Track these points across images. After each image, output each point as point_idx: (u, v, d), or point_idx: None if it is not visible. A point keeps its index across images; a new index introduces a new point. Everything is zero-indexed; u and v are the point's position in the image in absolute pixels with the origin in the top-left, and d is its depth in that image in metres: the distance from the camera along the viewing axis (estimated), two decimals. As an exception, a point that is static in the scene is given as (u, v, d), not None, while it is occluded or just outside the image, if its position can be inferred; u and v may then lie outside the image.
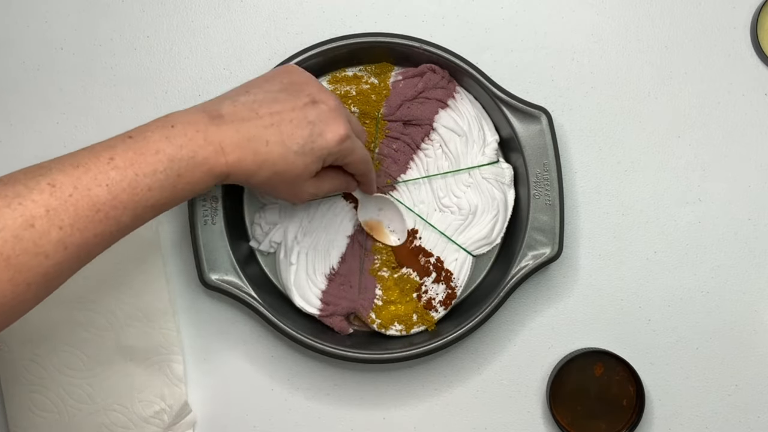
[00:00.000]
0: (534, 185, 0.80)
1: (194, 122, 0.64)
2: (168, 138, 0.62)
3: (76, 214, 0.58)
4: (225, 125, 0.65)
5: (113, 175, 0.60)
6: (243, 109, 0.66)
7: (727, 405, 0.84)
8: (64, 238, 0.58)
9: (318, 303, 0.82)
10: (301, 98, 0.68)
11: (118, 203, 0.60)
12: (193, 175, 0.63)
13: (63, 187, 0.58)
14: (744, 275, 0.84)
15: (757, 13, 0.83)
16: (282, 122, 0.66)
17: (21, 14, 0.84)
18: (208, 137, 0.64)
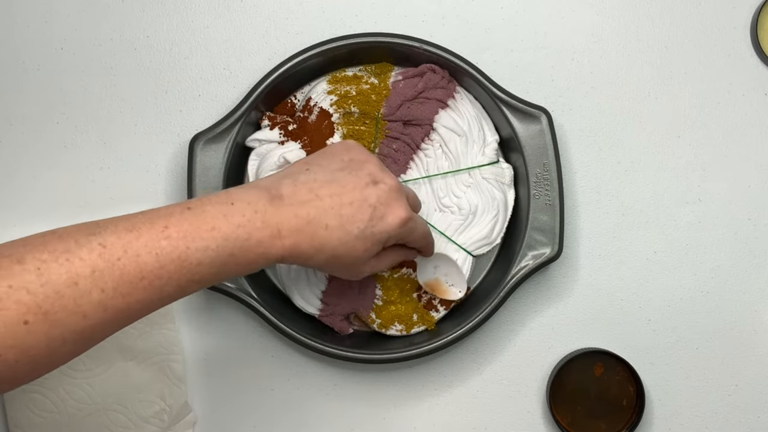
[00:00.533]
0: (534, 185, 0.80)
1: (254, 202, 0.62)
2: (225, 216, 0.61)
3: (121, 279, 0.57)
4: (284, 207, 0.63)
5: (164, 245, 0.59)
6: (303, 189, 0.64)
7: (727, 405, 0.84)
8: (105, 301, 0.57)
9: (318, 303, 0.82)
10: (362, 178, 0.66)
11: (164, 273, 0.59)
12: (245, 256, 0.62)
13: (113, 250, 0.57)
14: (744, 275, 0.84)
15: (757, 13, 0.83)
16: (342, 205, 0.64)
17: (21, 14, 0.84)
18: (266, 219, 0.62)
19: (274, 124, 0.82)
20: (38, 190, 0.84)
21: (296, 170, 0.67)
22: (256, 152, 0.83)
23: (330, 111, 0.81)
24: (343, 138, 0.82)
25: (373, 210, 0.65)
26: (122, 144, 0.84)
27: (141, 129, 0.84)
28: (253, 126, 0.83)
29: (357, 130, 0.82)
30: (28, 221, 0.84)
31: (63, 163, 0.84)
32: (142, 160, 0.84)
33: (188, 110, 0.85)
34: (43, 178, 0.84)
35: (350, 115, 0.82)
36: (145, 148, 0.84)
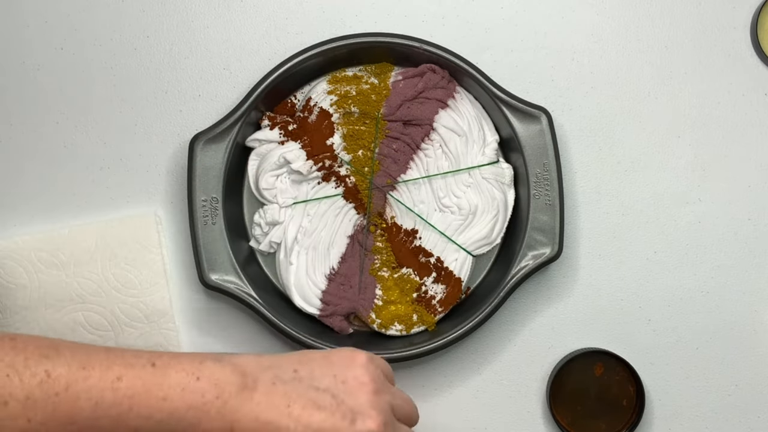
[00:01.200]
0: (534, 185, 0.80)
1: (221, 385, 0.57)
2: (184, 390, 0.57)
3: (52, 415, 0.54)
4: (250, 403, 0.58)
5: (107, 397, 0.55)
6: (278, 394, 0.58)
7: (727, 405, 0.84)
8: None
9: (318, 303, 0.82)
10: (342, 409, 0.59)
11: (97, 426, 0.55)
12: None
13: (55, 383, 0.54)
14: (744, 275, 0.84)
15: (757, 13, 0.83)
16: (308, 429, 0.58)
17: (21, 14, 0.84)
18: (224, 412, 0.57)
19: (274, 124, 0.82)
20: (38, 190, 0.84)
21: (285, 366, 0.61)
22: (256, 152, 0.83)
23: (330, 111, 0.81)
24: (343, 138, 0.82)
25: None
26: (122, 144, 0.84)
27: (141, 129, 0.84)
28: (253, 126, 0.83)
29: (357, 130, 0.82)
30: (28, 221, 0.84)
31: (63, 163, 0.84)
32: (142, 160, 0.84)
33: (188, 110, 0.85)
34: (43, 178, 0.84)
35: (350, 115, 0.82)
36: (145, 148, 0.84)
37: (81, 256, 0.82)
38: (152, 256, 0.82)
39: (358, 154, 0.82)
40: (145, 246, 0.82)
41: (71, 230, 0.82)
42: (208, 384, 0.57)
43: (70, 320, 0.82)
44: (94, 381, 0.55)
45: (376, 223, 0.83)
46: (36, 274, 0.82)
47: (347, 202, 0.82)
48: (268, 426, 0.58)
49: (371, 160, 0.82)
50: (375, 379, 0.61)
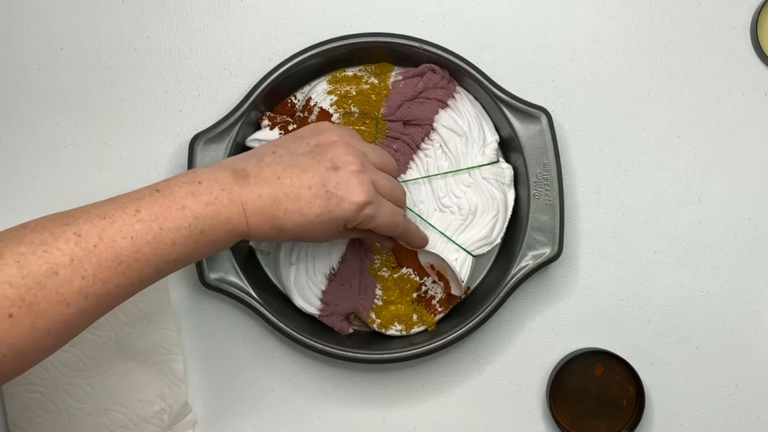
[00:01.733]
0: (534, 185, 0.80)
1: (220, 180, 0.64)
2: (194, 194, 0.63)
3: (99, 265, 0.59)
4: (248, 186, 0.65)
5: (138, 228, 0.60)
6: (267, 170, 0.66)
7: (727, 405, 0.84)
8: (85, 288, 0.58)
9: (318, 303, 0.82)
10: (323, 163, 0.67)
11: (140, 256, 0.60)
12: (215, 233, 0.64)
13: (88, 237, 0.59)
14: (744, 275, 0.84)
15: (757, 13, 0.83)
16: (301, 188, 0.66)
17: (21, 14, 0.84)
18: (232, 197, 0.64)
19: (274, 124, 0.82)
20: (38, 190, 0.84)
21: (263, 151, 0.68)
22: (256, 152, 0.83)
23: (330, 111, 0.81)
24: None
25: (330, 195, 0.66)
26: (122, 144, 0.84)
27: (141, 129, 0.84)
28: (253, 126, 0.83)
29: (357, 130, 0.82)
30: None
31: (63, 163, 0.84)
32: (142, 160, 0.84)
33: (188, 110, 0.85)
34: (43, 178, 0.84)
35: (350, 115, 0.82)
36: (145, 148, 0.84)
37: (81, 256, 0.82)
38: (152, 256, 0.83)
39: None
40: (145, 246, 0.82)
41: (71, 230, 0.82)
42: (209, 184, 0.64)
43: (70, 320, 0.82)
44: (119, 223, 0.60)
45: (376, 223, 0.83)
46: (36, 274, 0.81)
47: (347, 202, 0.82)
48: (269, 197, 0.65)
49: (371, 160, 0.82)
50: (342, 135, 0.69)
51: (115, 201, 0.62)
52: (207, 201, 0.63)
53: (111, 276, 0.59)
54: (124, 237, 0.60)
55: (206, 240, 0.63)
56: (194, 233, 0.62)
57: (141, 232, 0.60)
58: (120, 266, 0.60)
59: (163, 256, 0.61)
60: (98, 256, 0.59)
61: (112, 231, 0.60)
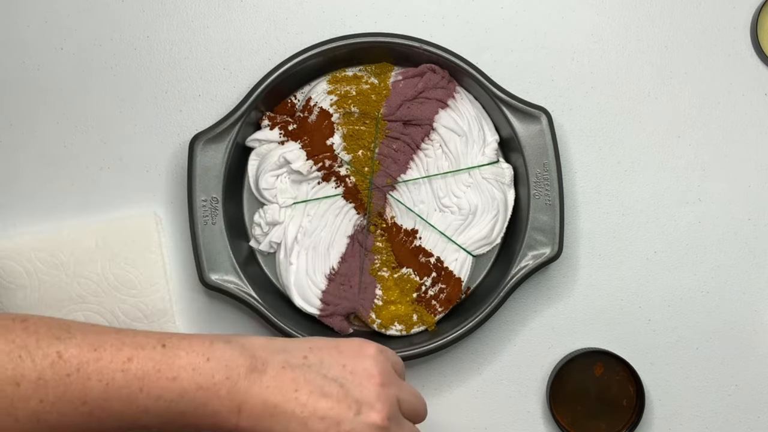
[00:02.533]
0: (534, 185, 0.80)
1: (231, 366, 0.58)
2: (195, 370, 0.57)
3: (63, 397, 0.55)
4: (259, 387, 0.58)
5: (118, 378, 0.56)
6: (288, 378, 0.59)
7: (727, 405, 0.84)
8: (40, 412, 0.55)
9: (318, 303, 0.82)
10: (348, 398, 0.59)
11: (107, 406, 0.56)
12: (196, 419, 0.57)
13: (68, 364, 0.55)
14: (744, 275, 0.84)
15: (757, 13, 0.83)
16: (313, 417, 0.58)
17: (21, 14, 0.84)
18: (233, 392, 0.57)
19: (274, 124, 0.82)
20: (38, 190, 0.84)
21: (295, 352, 0.61)
22: (256, 152, 0.83)
23: (330, 111, 0.81)
24: (343, 138, 0.82)
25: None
26: (122, 144, 0.84)
27: (141, 129, 0.84)
28: (253, 126, 0.83)
29: (357, 130, 0.82)
30: (27, 221, 0.84)
31: (63, 163, 0.84)
32: (142, 160, 0.84)
33: (188, 110, 0.85)
34: (43, 178, 0.84)
35: (350, 115, 0.82)
36: (145, 148, 0.84)
37: (81, 256, 0.82)
38: (152, 256, 0.82)
39: (358, 154, 0.82)
40: (145, 246, 0.82)
41: (71, 230, 0.82)
42: (218, 365, 0.57)
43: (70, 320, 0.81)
44: (105, 362, 0.56)
45: (376, 223, 0.83)
46: (36, 274, 0.82)
47: (347, 202, 0.82)
48: (274, 409, 0.58)
49: (371, 160, 0.82)
50: (383, 372, 0.61)
51: (118, 334, 0.57)
52: (202, 384, 0.57)
53: (70, 413, 0.55)
54: (100, 380, 0.55)
55: (182, 422, 0.57)
56: (173, 410, 0.57)
57: (119, 383, 0.56)
58: (83, 407, 0.55)
59: (130, 417, 0.56)
60: (65, 388, 0.54)
61: (92, 368, 0.55)
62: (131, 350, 0.57)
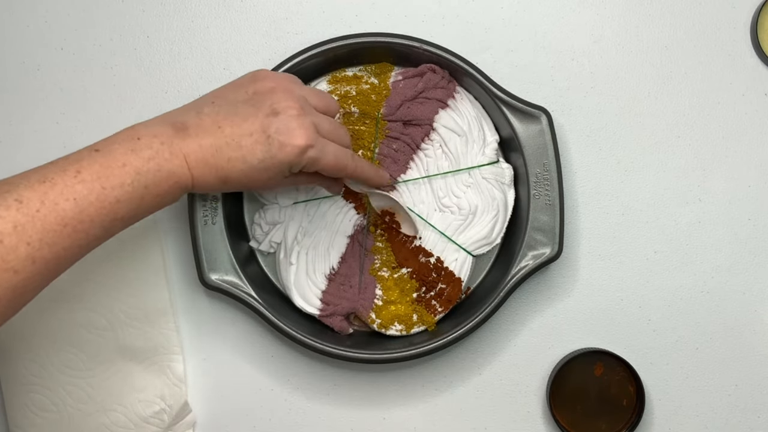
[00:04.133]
0: (534, 185, 0.80)
1: (159, 134, 0.65)
2: (134, 150, 0.63)
3: (43, 229, 0.59)
4: (189, 138, 0.65)
5: (80, 189, 0.60)
6: (206, 121, 0.66)
7: (727, 405, 0.84)
8: (32, 253, 0.58)
9: (318, 303, 0.82)
10: (263, 109, 0.67)
11: (85, 217, 0.60)
12: (159, 187, 0.64)
13: (30, 203, 0.59)
14: (744, 275, 0.84)
15: (757, 13, 0.83)
16: (242, 136, 0.66)
17: (21, 14, 0.84)
18: (173, 150, 0.64)
19: (274, 124, 0.82)
20: (38, 190, 0.84)
21: (202, 103, 0.68)
22: (256, 152, 0.83)
23: (330, 111, 0.81)
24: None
25: (271, 141, 0.66)
26: (122, 144, 0.84)
27: (141, 129, 0.84)
28: (253, 126, 0.83)
29: (357, 130, 0.82)
30: (28, 221, 0.84)
31: (63, 163, 0.84)
32: (142, 160, 0.84)
33: (188, 110, 0.84)
34: (43, 178, 0.84)
35: (350, 115, 0.82)
36: (145, 148, 0.84)
37: (81, 256, 0.82)
38: (152, 256, 0.82)
39: (358, 154, 0.82)
40: (145, 246, 0.82)
41: (71, 230, 0.82)
42: (148, 139, 0.64)
43: (70, 320, 0.82)
44: (60, 185, 0.60)
45: (376, 223, 0.83)
46: (36, 274, 0.82)
47: (347, 202, 0.82)
48: (210, 147, 0.65)
49: (371, 160, 0.82)
50: (279, 81, 0.69)
51: (54, 164, 0.61)
52: (148, 156, 0.63)
53: (57, 239, 0.59)
54: (66, 199, 0.60)
55: (151, 195, 0.63)
56: (138, 189, 0.62)
57: (83, 193, 0.60)
58: (65, 229, 0.60)
59: (108, 215, 0.62)
60: (42, 221, 0.58)
61: (53, 194, 0.59)
62: (74, 165, 0.61)
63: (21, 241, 0.58)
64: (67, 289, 0.82)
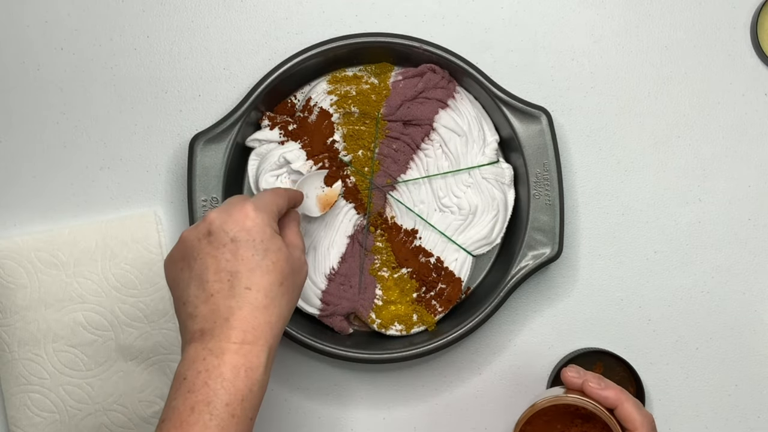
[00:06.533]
0: (534, 185, 0.80)
1: (190, 357, 0.61)
2: (190, 391, 0.60)
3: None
4: (214, 338, 0.61)
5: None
6: (204, 310, 0.62)
7: (727, 405, 0.84)
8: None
9: (318, 303, 0.82)
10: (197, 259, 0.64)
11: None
12: (238, 398, 0.61)
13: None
14: (744, 275, 0.84)
15: (757, 13, 0.83)
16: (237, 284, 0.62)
17: (21, 14, 0.84)
18: (206, 356, 0.61)
19: (274, 124, 0.82)
20: (38, 190, 0.84)
21: (176, 301, 0.65)
22: (256, 152, 0.83)
23: (330, 111, 0.81)
24: (343, 138, 0.82)
25: (227, 242, 0.63)
26: (122, 144, 0.84)
27: (141, 129, 0.84)
28: (253, 126, 0.83)
29: (357, 130, 0.82)
30: (28, 221, 0.84)
31: (63, 163, 0.84)
32: (142, 160, 0.84)
33: (188, 110, 0.85)
34: (43, 178, 0.84)
35: (350, 115, 0.82)
36: (145, 148, 0.84)
37: (81, 256, 0.82)
38: (152, 256, 0.82)
39: (358, 154, 0.82)
40: (145, 246, 0.82)
41: (71, 230, 0.82)
42: (190, 372, 0.61)
43: (70, 320, 0.82)
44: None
45: (376, 223, 0.83)
46: (36, 274, 0.82)
47: (347, 202, 0.82)
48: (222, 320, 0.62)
49: (371, 160, 0.82)
50: (191, 231, 0.65)
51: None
52: (202, 381, 0.60)
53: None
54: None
55: (234, 413, 0.60)
56: (223, 418, 0.60)
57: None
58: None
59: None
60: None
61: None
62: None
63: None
64: (67, 290, 0.82)
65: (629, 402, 0.67)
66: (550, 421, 0.71)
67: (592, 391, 0.68)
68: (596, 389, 0.68)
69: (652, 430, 0.67)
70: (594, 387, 0.68)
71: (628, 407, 0.67)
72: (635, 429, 0.67)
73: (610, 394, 0.67)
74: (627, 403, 0.67)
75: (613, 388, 0.68)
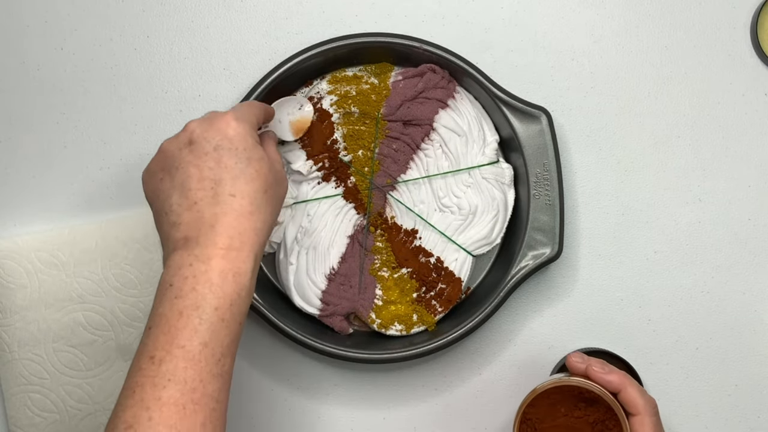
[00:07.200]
0: (534, 185, 0.80)
1: (176, 263, 0.61)
2: (177, 297, 0.60)
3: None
4: (199, 245, 0.61)
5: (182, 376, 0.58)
6: (187, 216, 0.62)
7: (727, 405, 0.84)
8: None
9: (318, 303, 0.82)
10: (181, 166, 0.64)
11: (198, 395, 0.59)
12: (227, 304, 0.61)
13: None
14: (744, 275, 0.84)
15: (757, 13, 0.83)
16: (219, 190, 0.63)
17: (21, 14, 0.84)
18: (193, 262, 0.61)
19: (274, 124, 0.82)
20: (38, 190, 0.84)
21: (157, 212, 0.65)
22: (256, 152, 0.82)
23: (330, 111, 0.81)
24: (343, 138, 0.82)
25: (209, 156, 0.63)
26: (122, 144, 0.84)
27: (141, 129, 0.84)
28: (253, 126, 0.83)
29: (357, 130, 0.82)
30: (28, 221, 0.84)
31: (63, 163, 0.84)
32: (142, 160, 0.84)
33: (188, 110, 0.85)
34: (43, 178, 0.84)
35: (350, 115, 0.82)
36: (145, 148, 0.84)
37: (81, 256, 0.82)
38: (152, 256, 0.82)
39: (358, 154, 0.82)
40: (145, 246, 0.82)
41: (71, 230, 0.82)
42: (177, 278, 0.60)
43: (70, 320, 0.82)
44: (149, 398, 0.58)
45: (376, 223, 0.83)
46: (36, 274, 0.82)
47: (347, 202, 0.82)
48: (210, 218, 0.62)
49: (371, 160, 0.82)
50: (169, 143, 0.66)
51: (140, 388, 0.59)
52: (190, 287, 0.60)
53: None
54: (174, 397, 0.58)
55: (223, 317, 0.60)
56: (213, 322, 0.59)
57: (188, 378, 0.58)
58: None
59: (216, 366, 0.59)
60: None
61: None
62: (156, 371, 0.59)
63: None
64: (67, 290, 0.82)
65: (632, 386, 0.68)
66: (554, 404, 0.71)
67: (596, 375, 0.68)
68: (600, 373, 0.68)
69: (655, 414, 0.68)
70: (598, 371, 0.69)
71: (632, 391, 0.68)
72: (638, 413, 0.67)
73: (613, 378, 0.68)
74: (630, 388, 0.68)
75: (616, 372, 0.69)
